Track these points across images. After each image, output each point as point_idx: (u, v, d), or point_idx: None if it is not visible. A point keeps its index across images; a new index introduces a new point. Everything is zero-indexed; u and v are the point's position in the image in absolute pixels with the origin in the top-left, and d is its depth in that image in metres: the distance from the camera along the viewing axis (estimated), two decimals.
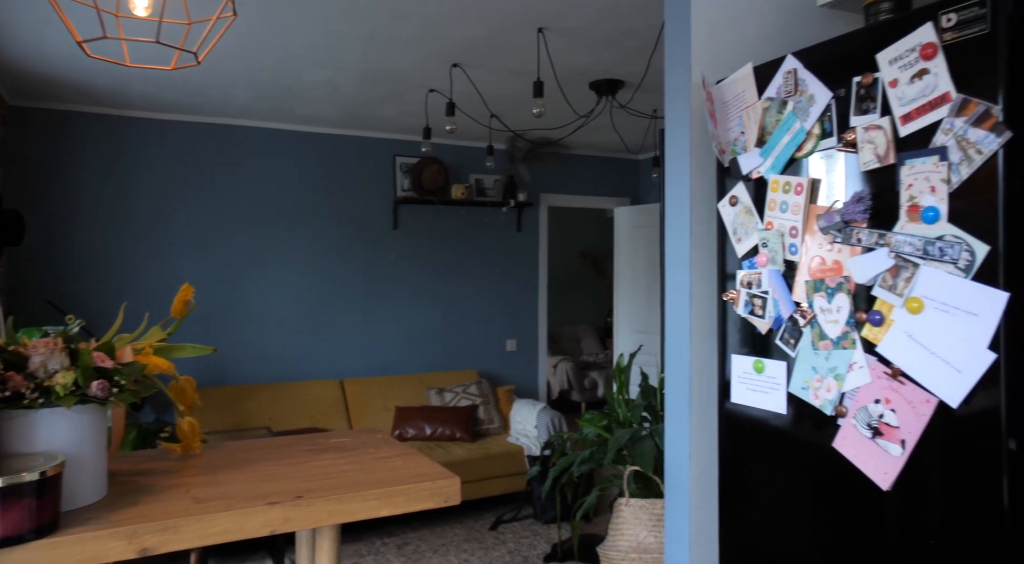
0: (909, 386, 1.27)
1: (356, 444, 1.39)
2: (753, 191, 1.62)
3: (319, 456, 1.29)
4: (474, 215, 5.47)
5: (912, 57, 1.28)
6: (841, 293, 1.40)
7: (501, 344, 5.59)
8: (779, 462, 1.55)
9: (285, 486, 1.09)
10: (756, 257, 1.60)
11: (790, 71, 1.53)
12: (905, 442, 1.28)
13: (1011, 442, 1.17)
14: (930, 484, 1.26)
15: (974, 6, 1.19)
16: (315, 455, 1.30)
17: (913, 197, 1.28)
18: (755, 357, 1.61)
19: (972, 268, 1.19)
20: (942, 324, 1.23)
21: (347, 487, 1.09)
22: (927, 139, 1.26)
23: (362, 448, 1.35)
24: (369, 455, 1.30)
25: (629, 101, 4.01)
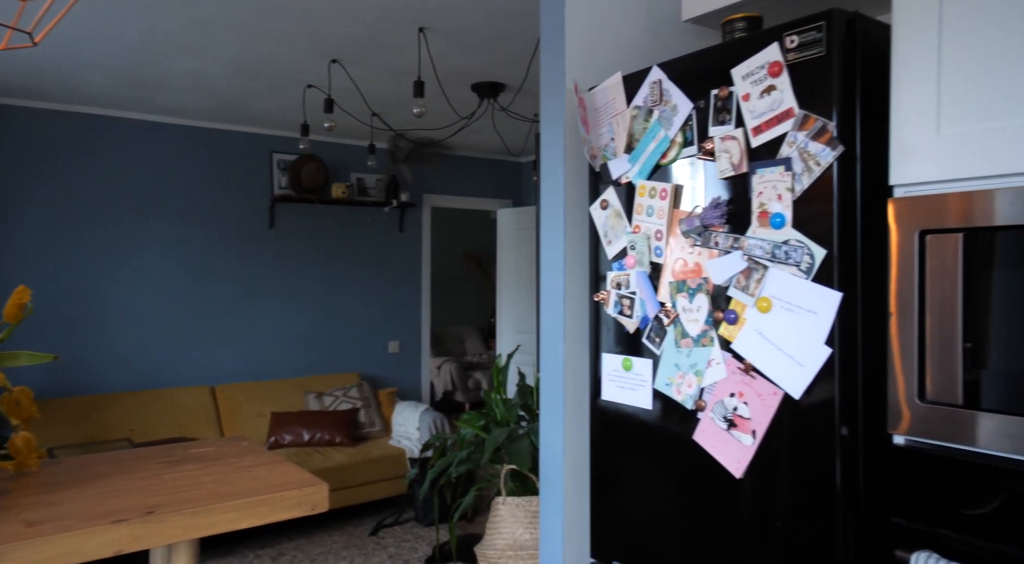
0: (759, 380, 1.37)
1: (218, 454, 1.32)
2: (622, 195, 1.69)
3: (176, 468, 1.22)
4: (355, 215, 5.36)
5: (762, 73, 1.38)
6: (701, 293, 1.49)
7: (383, 346, 5.51)
8: (647, 456, 1.62)
9: (135, 502, 1.02)
10: (625, 259, 1.67)
11: (655, 81, 1.60)
12: (756, 432, 1.37)
13: (844, 429, 1.28)
14: (776, 470, 1.35)
15: (812, 30, 1.30)
16: (171, 467, 1.22)
17: (763, 204, 1.37)
18: (624, 355, 1.67)
19: (812, 270, 1.30)
20: (787, 322, 1.33)
21: (204, 499, 1.03)
22: (775, 150, 1.36)
23: (224, 458, 1.29)
24: (232, 465, 1.24)
25: (510, 104, 4.06)
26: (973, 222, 1.15)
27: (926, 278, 1.21)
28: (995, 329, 1.13)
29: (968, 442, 1.15)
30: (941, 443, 1.20)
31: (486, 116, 4.33)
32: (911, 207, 1.23)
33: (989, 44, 1.15)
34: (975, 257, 1.15)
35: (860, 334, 1.30)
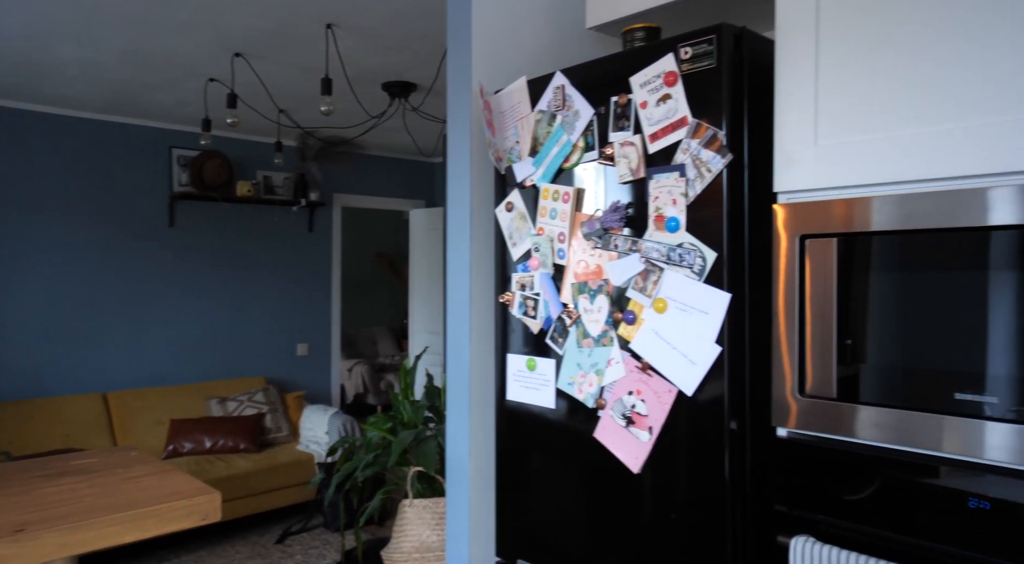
0: (656, 378, 1.42)
1: (103, 465, 1.25)
2: (527, 198, 1.71)
3: (54, 481, 1.15)
4: (262, 214, 5.19)
5: (658, 82, 1.43)
6: (602, 295, 1.53)
7: (291, 348, 5.36)
8: (551, 454, 1.65)
9: (3, 520, 0.96)
10: (530, 261, 1.69)
11: (559, 87, 1.63)
12: (652, 428, 1.42)
13: (732, 423, 1.34)
14: (671, 464, 1.41)
15: (704, 43, 1.36)
16: (49, 481, 1.15)
17: (659, 208, 1.43)
18: (528, 356, 1.70)
19: (704, 272, 1.35)
20: (681, 322, 1.38)
21: (83, 514, 0.98)
22: (670, 157, 1.41)
23: (110, 469, 1.22)
24: (117, 476, 1.18)
25: (421, 104, 4.04)
26: (847, 227, 1.23)
27: (806, 280, 1.29)
28: (870, 327, 1.21)
29: (843, 433, 1.24)
30: (819, 434, 1.27)
31: (397, 116, 4.29)
32: (792, 213, 1.30)
33: (859, 66, 1.23)
34: (850, 260, 1.23)
35: (748, 333, 1.37)
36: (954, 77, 1.13)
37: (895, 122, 1.19)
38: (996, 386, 1.07)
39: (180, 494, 1.07)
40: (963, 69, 1.12)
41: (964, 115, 1.12)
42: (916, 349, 1.15)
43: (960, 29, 1.12)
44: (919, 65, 1.17)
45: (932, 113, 1.15)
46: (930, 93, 1.15)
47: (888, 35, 1.20)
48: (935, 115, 1.15)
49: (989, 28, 1.09)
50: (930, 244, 1.14)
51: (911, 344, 1.16)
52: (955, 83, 1.13)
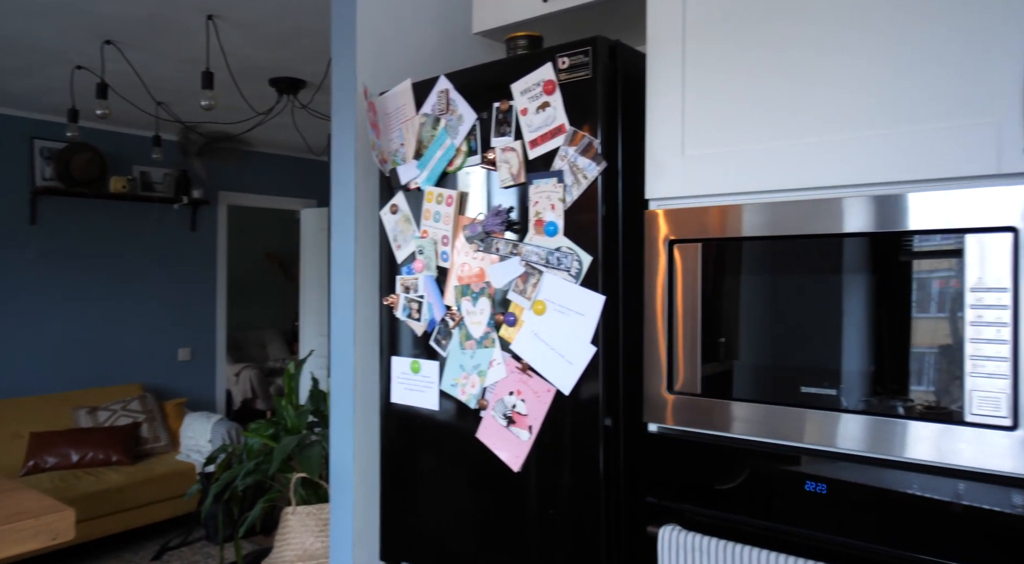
0: (535, 378, 1.46)
1: None
2: (412, 201, 1.71)
3: None
4: (139, 212, 4.90)
5: (538, 90, 1.47)
6: (484, 297, 1.55)
7: (172, 353, 5.09)
8: (435, 456, 1.65)
9: None
10: (414, 263, 1.69)
11: (443, 91, 1.64)
12: (532, 427, 1.46)
13: (607, 420, 1.40)
14: (549, 462, 1.45)
15: (580, 54, 1.41)
16: None
17: (539, 213, 1.46)
18: (412, 358, 1.70)
19: (580, 275, 1.40)
20: (559, 323, 1.42)
21: None
22: (549, 163, 1.45)
23: None
24: None
25: (310, 101, 3.94)
26: (711, 233, 1.31)
27: (675, 283, 1.36)
28: (731, 327, 1.29)
29: (707, 427, 1.31)
30: (686, 429, 1.35)
31: (286, 113, 4.17)
32: (662, 219, 1.37)
33: (722, 82, 1.32)
34: (714, 263, 1.31)
35: (622, 333, 1.43)
36: (811, 95, 1.23)
37: (756, 136, 1.28)
38: (837, 380, 1.17)
39: (27, 513, 1.00)
40: (819, 87, 1.22)
41: (819, 130, 1.21)
42: (771, 347, 1.24)
43: (816, 51, 1.22)
44: (778, 83, 1.26)
45: (790, 128, 1.24)
46: (788, 109, 1.25)
47: (749, 54, 1.29)
48: (792, 130, 1.24)
49: (842, 50, 1.20)
50: (787, 249, 1.23)
51: (766, 342, 1.25)
52: (812, 100, 1.23)
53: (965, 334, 1.05)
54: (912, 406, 1.10)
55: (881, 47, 1.14)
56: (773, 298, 1.24)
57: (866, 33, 1.16)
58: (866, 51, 1.16)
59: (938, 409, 1.08)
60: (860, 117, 1.17)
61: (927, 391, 1.09)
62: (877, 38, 1.15)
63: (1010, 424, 1.02)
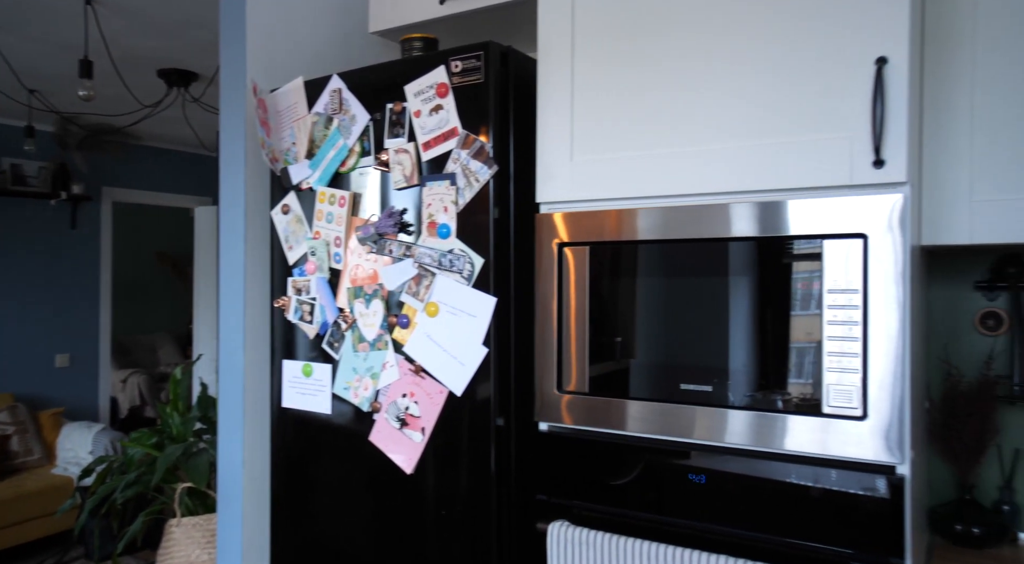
0: (428, 380, 1.46)
1: None
2: (304, 201, 1.68)
3: None
4: (11, 207, 4.55)
5: (431, 93, 1.47)
6: (377, 299, 1.54)
7: (48, 360, 4.75)
8: (329, 461, 1.63)
9: None
10: (306, 265, 1.66)
11: (336, 90, 1.62)
12: (425, 429, 1.46)
13: (499, 420, 1.42)
14: (442, 463, 1.46)
15: (473, 58, 1.42)
16: None
17: (432, 215, 1.47)
18: (304, 362, 1.66)
19: (473, 277, 1.42)
20: (452, 325, 1.43)
21: None
22: (442, 165, 1.46)
23: None
24: None
25: (202, 95, 3.78)
26: (597, 237, 1.36)
27: (563, 285, 1.39)
28: (621, 327, 1.34)
29: (593, 424, 1.36)
30: (574, 427, 1.39)
31: (176, 106, 3.98)
32: (552, 222, 1.41)
33: (608, 92, 1.36)
34: (602, 266, 1.36)
35: (513, 334, 1.45)
36: (692, 105, 1.28)
37: (641, 143, 1.33)
38: (714, 377, 1.23)
39: None
40: (700, 98, 1.28)
41: (700, 139, 1.27)
42: (655, 346, 1.29)
43: (698, 63, 1.28)
44: (662, 93, 1.31)
45: (672, 136, 1.30)
46: (671, 118, 1.30)
47: (635, 65, 1.34)
48: (675, 138, 1.30)
49: (723, 65, 1.26)
50: (671, 252, 1.29)
51: (651, 342, 1.30)
52: (693, 110, 1.28)
53: (823, 332, 1.14)
54: (780, 400, 1.17)
55: (756, 62, 1.22)
56: (658, 299, 1.30)
57: (744, 48, 1.23)
58: (744, 66, 1.23)
59: (803, 403, 1.16)
60: (737, 128, 1.23)
61: (794, 386, 1.17)
62: (753, 54, 1.22)
63: (860, 414, 1.11)
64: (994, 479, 1.53)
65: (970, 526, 1.42)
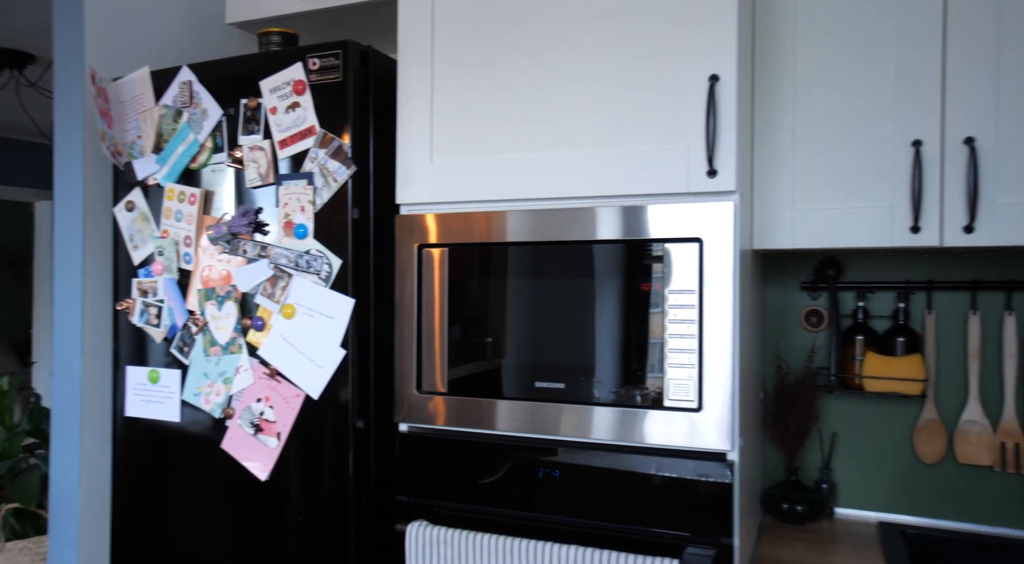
0: (284, 384, 1.42)
1: None
2: (150, 198, 1.59)
3: None
4: None
5: (288, 89, 1.44)
6: (230, 301, 1.48)
7: None
8: (181, 471, 1.55)
9: None
10: (153, 265, 1.57)
11: (185, 82, 1.54)
12: (280, 434, 1.42)
13: (359, 422, 1.41)
14: (299, 468, 1.42)
15: (331, 56, 1.40)
16: None
17: (288, 215, 1.43)
18: (151, 367, 1.57)
19: (330, 278, 1.40)
20: (309, 327, 1.41)
21: None
22: (299, 164, 1.43)
23: None
24: None
25: (40, 79, 3.47)
26: (456, 238, 1.38)
27: (423, 286, 1.40)
28: (479, 327, 1.36)
29: (450, 423, 1.37)
30: (433, 427, 1.40)
31: (10, 89, 3.62)
32: (412, 224, 1.41)
33: (468, 95, 1.38)
34: (461, 267, 1.37)
35: (373, 336, 1.45)
36: (550, 111, 1.32)
37: (500, 147, 1.36)
38: (565, 375, 1.28)
39: None
40: (558, 106, 1.32)
41: (556, 145, 1.31)
42: (511, 346, 1.33)
43: (555, 72, 1.33)
44: (520, 99, 1.34)
45: (531, 141, 1.33)
46: (529, 124, 1.34)
47: (494, 69, 1.36)
48: (533, 143, 1.33)
49: (578, 73, 1.31)
50: (529, 254, 1.33)
51: (507, 342, 1.33)
52: (550, 117, 1.32)
53: (666, 331, 1.21)
54: (628, 396, 1.24)
55: (607, 73, 1.28)
56: (516, 299, 1.33)
57: (595, 60, 1.29)
58: (596, 76, 1.28)
59: (649, 397, 1.23)
60: (591, 136, 1.29)
61: (641, 382, 1.24)
62: (604, 65, 1.28)
63: (696, 407, 1.19)
64: (816, 461, 1.70)
65: (794, 504, 1.56)
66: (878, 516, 1.64)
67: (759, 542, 1.49)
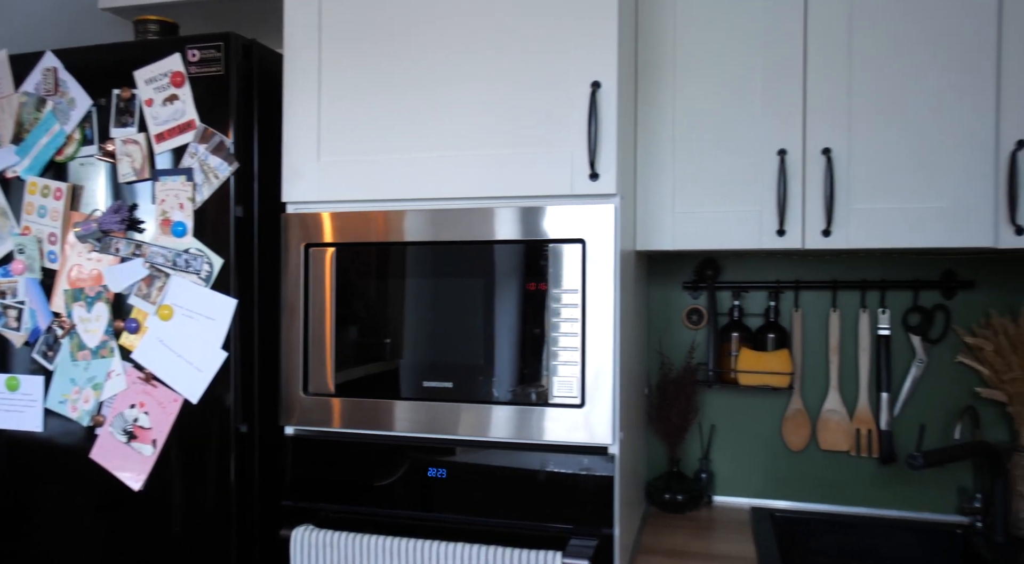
0: (160, 388, 1.36)
1: None
2: (9, 192, 1.48)
3: None
4: None
5: (165, 81, 1.38)
6: (100, 302, 1.40)
7: None
8: (46, 486, 1.44)
9: None
10: (12, 264, 1.46)
11: (50, 69, 1.45)
12: (156, 441, 1.36)
13: (243, 426, 1.37)
14: (178, 476, 1.36)
15: (212, 48, 1.36)
16: None
17: (166, 212, 1.37)
18: (9, 374, 1.46)
19: (211, 278, 1.35)
20: (188, 329, 1.35)
21: None
22: (178, 159, 1.37)
23: None
24: None
25: None
26: (344, 238, 1.36)
27: (310, 285, 1.38)
28: (367, 328, 1.35)
29: (337, 425, 1.35)
30: (319, 429, 1.37)
31: None
32: (298, 222, 1.38)
33: (355, 93, 1.37)
34: (349, 267, 1.36)
35: (257, 337, 1.41)
36: (437, 112, 1.32)
37: (389, 147, 1.35)
38: (454, 374, 1.29)
39: None
40: (445, 107, 1.33)
41: (449, 146, 1.32)
42: (400, 346, 1.32)
43: (444, 73, 1.33)
44: (410, 99, 1.34)
45: (418, 142, 1.33)
46: (417, 124, 1.33)
47: (384, 68, 1.35)
48: (421, 144, 1.33)
49: (468, 75, 1.32)
50: (419, 254, 1.32)
51: (397, 342, 1.33)
52: (438, 118, 1.33)
53: (552, 330, 1.25)
54: (517, 393, 1.26)
55: (496, 76, 1.29)
56: (404, 299, 1.33)
57: (484, 63, 1.30)
58: (484, 79, 1.30)
59: (536, 395, 1.26)
60: (483, 137, 1.30)
61: (529, 380, 1.26)
62: (493, 68, 1.29)
63: (579, 403, 1.23)
64: (697, 452, 1.79)
65: (675, 494, 1.64)
66: (752, 502, 1.74)
67: (642, 531, 1.55)
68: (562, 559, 1.17)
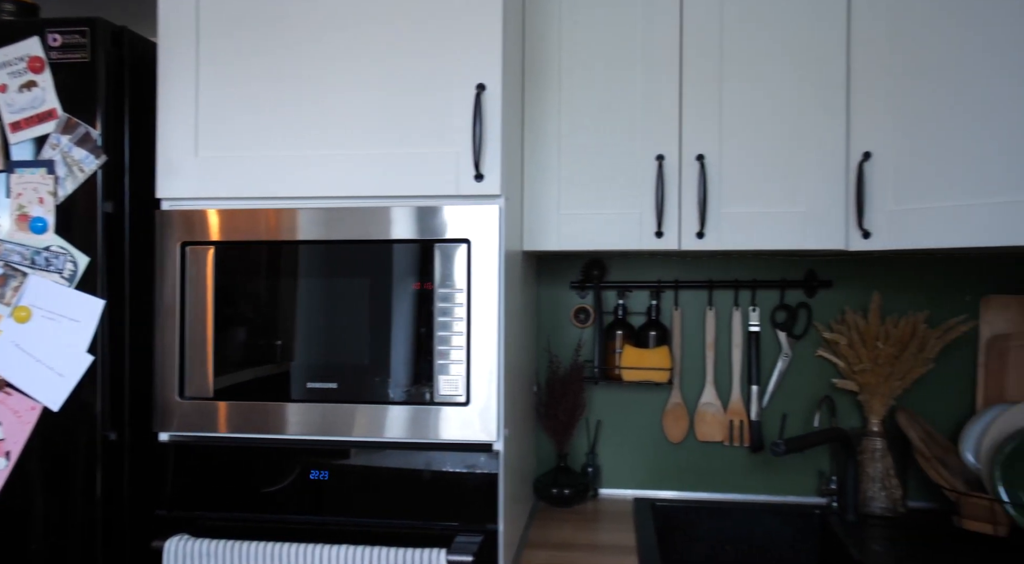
0: (15, 396, 1.27)
1: None
2: None
3: None
4: None
5: (22, 66, 1.29)
6: None
7: None
8: None
9: None
10: None
11: None
12: (11, 453, 1.27)
13: (112, 434, 1.29)
14: (36, 490, 1.27)
15: (76, 33, 1.28)
16: None
17: (23, 206, 1.28)
18: None
19: (76, 277, 1.27)
20: (49, 332, 1.26)
21: None
22: (37, 150, 1.28)
23: None
24: None
25: None
26: (224, 236, 1.31)
27: (186, 286, 1.32)
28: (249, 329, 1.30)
29: (216, 430, 1.31)
30: (197, 434, 1.32)
31: None
32: (175, 220, 1.32)
33: (236, 86, 1.32)
34: (229, 266, 1.31)
35: (128, 340, 1.33)
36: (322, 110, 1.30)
37: (272, 143, 1.31)
38: (338, 374, 1.28)
39: None
40: (330, 104, 1.30)
41: (334, 144, 1.29)
42: (283, 347, 1.29)
43: (328, 68, 1.30)
44: (293, 94, 1.30)
45: (305, 138, 1.30)
46: (301, 121, 1.30)
47: (267, 61, 1.31)
48: (307, 140, 1.30)
49: (351, 72, 1.30)
50: (305, 253, 1.29)
51: (279, 344, 1.29)
52: (323, 115, 1.30)
53: (438, 329, 1.25)
54: (401, 393, 1.26)
55: (380, 75, 1.28)
56: (287, 299, 1.30)
57: (367, 62, 1.29)
58: (367, 77, 1.28)
59: (421, 393, 1.26)
60: (370, 136, 1.29)
61: (414, 379, 1.26)
62: (375, 67, 1.28)
63: (464, 401, 1.24)
64: (584, 447, 1.84)
65: (563, 489, 1.68)
66: (635, 493, 1.81)
67: (530, 526, 1.59)
68: (446, 556, 1.18)
